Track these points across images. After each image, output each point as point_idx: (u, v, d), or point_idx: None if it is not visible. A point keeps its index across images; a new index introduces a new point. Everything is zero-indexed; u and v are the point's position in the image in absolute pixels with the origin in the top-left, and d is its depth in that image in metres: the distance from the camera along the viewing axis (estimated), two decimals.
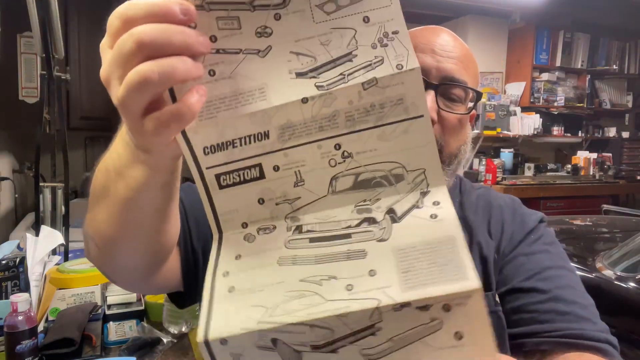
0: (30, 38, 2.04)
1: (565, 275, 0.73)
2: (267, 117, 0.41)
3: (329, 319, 0.36)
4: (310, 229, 0.43)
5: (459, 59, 0.72)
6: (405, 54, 0.41)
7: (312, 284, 0.39)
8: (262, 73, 0.41)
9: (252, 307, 0.39)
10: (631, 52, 4.90)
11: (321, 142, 0.42)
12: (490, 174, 4.05)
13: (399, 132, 0.42)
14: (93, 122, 3.32)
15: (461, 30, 4.41)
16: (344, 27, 0.41)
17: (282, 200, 0.44)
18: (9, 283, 1.19)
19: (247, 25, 0.39)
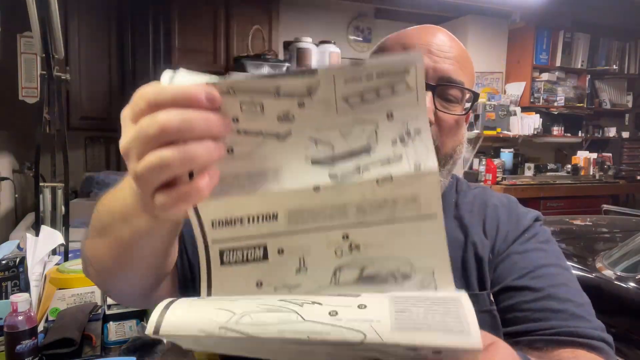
0: (30, 38, 2.04)
1: (560, 273, 0.73)
2: (278, 199, 0.41)
3: (302, 341, 0.35)
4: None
5: (456, 59, 0.72)
6: (424, 154, 0.40)
7: (292, 304, 0.38)
8: (279, 156, 0.41)
9: (217, 310, 0.37)
10: (631, 52, 4.90)
11: (329, 231, 0.42)
12: (490, 174, 4.05)
13: (409, 230, 0.41)
14: (93, 122, 3.33)
15: (461, 30, 4.41)
16: (366, 120, 0.40)
17: (280, 286, 0.43)
18: (9, 283, 1.19)
19: (270, 110, 0.39)
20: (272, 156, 0.41)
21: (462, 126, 0.75)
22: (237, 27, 3.68)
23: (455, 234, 0.78)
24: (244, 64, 3.35)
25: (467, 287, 0.74)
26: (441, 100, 0.71)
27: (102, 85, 3.32)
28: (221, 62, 3.67)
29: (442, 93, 0.71)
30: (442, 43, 0.72)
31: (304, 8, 4.16)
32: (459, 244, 0.77)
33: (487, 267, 0.75)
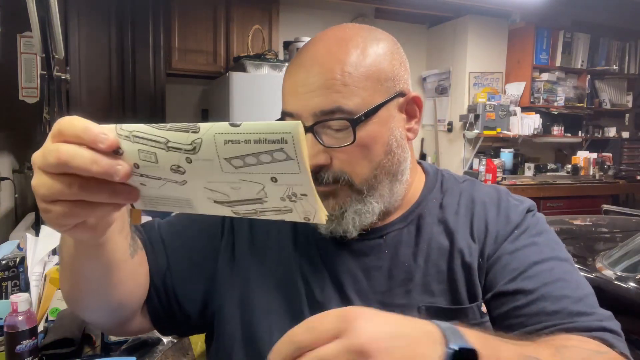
0: (30, 38, 2.04)
1: (555, 267, 0.69)
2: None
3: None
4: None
5: (325, 85, 0.64)
6: (313, 212, 0.45)
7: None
8: (185, 194, 0.47)
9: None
10: (631, 52, 4.90)
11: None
12: (490, 174, 4.06)
13: None
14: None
15: (461, 30, 4.41)
16: (252, 181, 0.44)
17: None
18: (9, 283, 1.19)
19: (163, 160, 0.44)
20: (179, 194, 0.47)
21: (374, 141, 0.67)
22: (237, 27, 3.68)
23: (440, 240, 0.73)
24: (244, 63, 3.35)
25: (455, 298, 0.70)
26: (328, 132, 0.66)
27: (102, 85, 3.31)
28: (221, 62, 3.68)
29: (323, 128, 0.65)
30: (305, 76, 0.66)
31: (304, 8, 4.16)
32: (444, 252, 0.72)
33: (477, 274, 0.71)
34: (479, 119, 4.19)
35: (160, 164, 0.44)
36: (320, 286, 0.72)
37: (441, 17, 4.50)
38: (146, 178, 0.45)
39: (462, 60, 4.42)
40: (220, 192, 0.46)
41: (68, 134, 0.43)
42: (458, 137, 4.51)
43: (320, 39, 0.70)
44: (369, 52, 0.68)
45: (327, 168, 0.67)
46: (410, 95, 0.73)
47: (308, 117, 0.66)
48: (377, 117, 0.67)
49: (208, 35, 3.64)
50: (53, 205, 0.44)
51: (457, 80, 4.48)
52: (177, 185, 0.46)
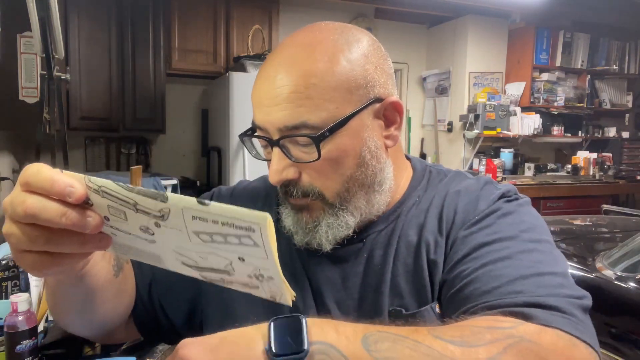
0: (30, 38, 2.04)
1: (509, 246, 0.60)
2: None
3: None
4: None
5: (289, 98, 0.61)
6: (279, 293, 0.46)
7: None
8: (154, 250, 0.47)
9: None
10: (631, 52, 4.90)
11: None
12: (490, 174, 4.05)
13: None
14: (93, 122, 3.33)
15: (461, 30, 4.41)
16: (220, 256, 0.45)
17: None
18: (9, 283, 1.19)
19: (132, 219, 0.44)
20: (149, 249, 0.47)
21: (345, 154, 0.64)
22: (237, 27, 3.68)
23: (409, 236, 0.68)
24: (244, 63, 3.35)
25: (421, 298, 0.66)
26: (296, 146, 0.64)
27: (102, 85, 3.31)
28: (221, 62, 3.68)
29: (291, 142, 0.63)
30: (269, 87, 0.63)
31: (304, 8, 4.16)
32: (411, 248, 0.68)
33: (441, 270, 0.65)
34: (479, 119, 4.19)
35: (130, 222, 0.44)
36: (302, 296, 0.71)
37: (441, 17, 4.50)
38: (116, 230, 0.45)
39: (462, 60, 4.42)
40: (188, 257, 0.46)
41: (35, 185, 0.42)
42: (458, 137, 4.51)
43: (288, 43, 0.66)
44: (338, 58, 0.63)
45: (296, 182, 0.65)
46: (389, 101, 0.67)
47: (274, 131, 0.63)
48: (346, 129, 0.63)
49: (208, 35, 3.64)
50: (23, 254, 0.44)
51: (457, 80, 4.48)
52: (146, 242, 0.46)
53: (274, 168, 0.64)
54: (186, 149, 4.07)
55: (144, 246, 0.46)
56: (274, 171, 0.64)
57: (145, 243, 0.46)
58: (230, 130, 3.23)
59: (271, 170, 0.65)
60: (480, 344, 0.47)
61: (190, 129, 4.07)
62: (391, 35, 4.52)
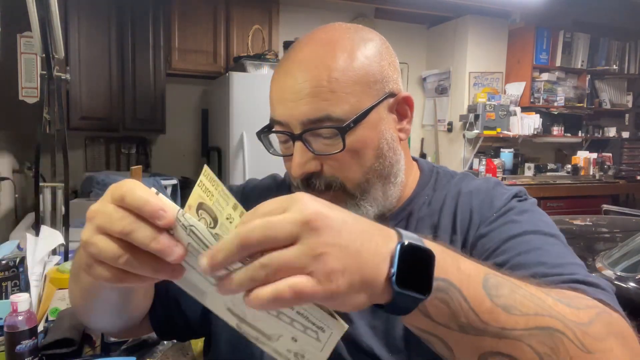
0: (30, 38, 2.03)
1: (534, 239, 0.64)
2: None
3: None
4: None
5: (312, 93, 0.64)
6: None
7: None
8: (206, 289, 0.46)
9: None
10: (631, 52, 4.90)
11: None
12: (490, 174, 4.06)
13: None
14: (93, 122, 3.33)
15: (461, 30, 4.41)
16: (275, 326, 0.44)
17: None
18: (9, 283, 1.19)
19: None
20: (202, 286, 0.45)
21: (365, 145, 0.67)
22: (237, 27, 3.68)
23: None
24: (244, 63, 3.35)
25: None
26: (318, 139, 0.66)
27: (102, 85, 3.31)
28: (221, 62, 3.68)
29: (313, 135, 0.65)
30: (293, 82, 0.65)
31: (304, 8, 4.16)
32: None
33: None
34: (479, 119, 4.19)
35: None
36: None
37: (441, 17, 4.50)
38: (186, 265, 0.44)
39: (462, 60, 4.42)
40: (238, 307, 0.45)
41: (129, 202, 0.42)
42: (458, 137, 4.51)
43: (306, 42, 0.69)
44: (356, 55, 0.66)
45: (319, 174, 0.67)
46: (401, 96, 0.71)
47: (296, 125, 0.65)
48: (366, 122, 0.66)
49: (208, 35, 3.64)
50: (98, 265, 0.43)
51: (457, 80, 4.48)
52: (207, 283, 0.45)
53: (297, 161, 0.65)
54: (186, 149, 4.07)
55: (200, 283, 0.45)
56: (297, 164, 0.65)
57: (205, 283, 0.45)
58: (230, 130, 3.23)
59: (294, 163, 0.66)
60: (580, 307, 0.50)
61: (190, 129, 4.07)
62: (391, 35, 4.47)
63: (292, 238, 0.38)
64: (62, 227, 1.82)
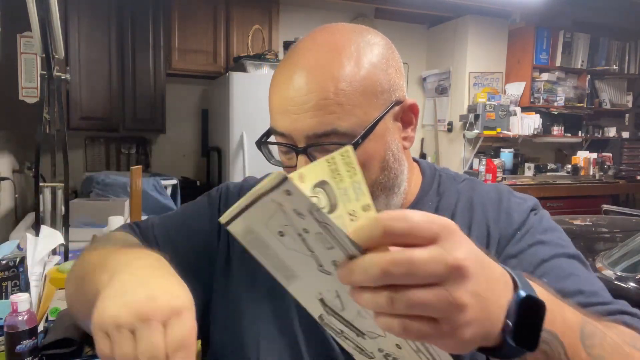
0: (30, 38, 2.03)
1: (565, 263, 0.65)
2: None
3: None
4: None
5: (318, 105, 0.60)
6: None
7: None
8: (305, 275, 0.42)
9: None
10: (631, 52, 4.90)
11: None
12: (490, 174, 4.06)
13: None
14: (93, 122, 3.33)
15: (461, 30, 4.41)
16: (377, 330, 0.42)
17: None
18: (9, 283, 1.19)
19: (326, 253, 0.40)
20: (301, 269, 0.41)
21: (371, 158, 0.64)
22: (237, 27, 3.68)
23: None
24: (244, 63, 3.35)
25: None
26: (323, 153, 0.62)
27: (102, 85, 3.31)
28: (221, 62, 3.68)
29: (318, 149, 0.62)
30: (296, 93, 0.61)
31: (304, 8, 4.16)
32: None
33: None
34: (479, 119, 4.19)
35: (321, 251, 0.39)
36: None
37: (441, 17, 4.50)
38: (286, 241, 0.39)
39: (462, 60, 4.42)
40: (338, 300, 0.42)
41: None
42: (458, 137, 4.51)
43: (309, 46, 0.64)
44: (363, 62, 0.62)
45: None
46: (407, 104, 0.68)
47: (300, 138, 0.62)
48: (373, 134, 0.62)
49: (208, 35, 3.64)
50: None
51: (457, 80, 4.48)
52: (308, 268, 0.40)
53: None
54: (186, 149, 4.07)
55: (297, 266, 0.41)
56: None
57: (305, 268, 0.41)
58: (230, 130, 3.23)
59: None
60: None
61: (190, 129, 4.07)
62: (391, 36, 4.42)
63: (436, 278, 0.36)
64: (62, 227, 1.82)
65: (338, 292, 0.41)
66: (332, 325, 0.44)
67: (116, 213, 2.02)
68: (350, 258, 0.38)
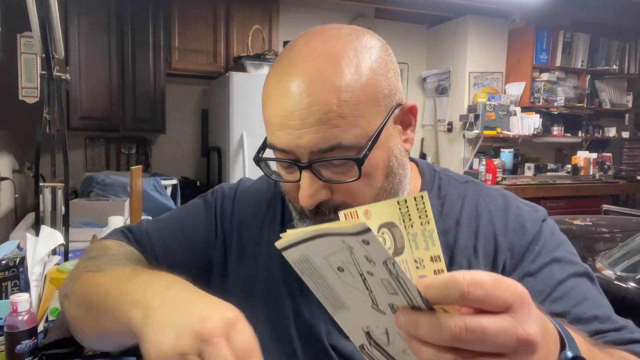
0: (30, 38, 2.03)
1: (578, 285, 0.65)
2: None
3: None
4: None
5: (321, 120, 0.57)
6: None
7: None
8: (359, 309, 0.42)
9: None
10: (631, 52, 4.90)
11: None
12: (490, 174, 4.06)
13: None
14: (93, 122, 3.33)
15: (461, 30, 4.41)
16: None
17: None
18: (9, 283, 1.19)
19: (388, 297, 0.41)
20: (347, 303, 0.42)
21: (376, 167, 0.62)
22: (237, 27, 3.68)
23: None
24: (244, 63, 3.35)
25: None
26: (328, 167, 0.61)
27: (102, 85, 3.31)
28: (221, 62, 3.68)
29: (322, 164, 0.60)
30: (294, 107, 0.58)
31: (304, 8, 4.16)
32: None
33: None
34: (479, 119, 4.19)
35: (381, 294, 0.39)
36: (308, 304, 0.70)
37: (441, 17, 4.50)
38: (343, 275, 0.39)
39: (462, 60, 4.42)
40: (389, 337, 0.42)
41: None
42: (458, 137, 4.51)
43: (305, 55, 0.60)
44: (363, 69, 0.59)
45: (328, 201, 0.63)
46: (407, 106, 0.67)
47: (304, 154, 0.59)
48: (377, 142, 0.61)
49: (208, 35, 3.64)
50: None
51: (457, 80, 4.48)
52: (361, 302, 0.40)
53: (307, 193, 0.60)
54: (186, 149, 4.07)
55: (349, 298, 0.41)
56: (308, 196, 0.60)
57: (358, 301, 0.40)
58: (230, 130, 3.23)
59: (304, 194, 0.61)
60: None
61: (190, 129, 4.07)
62: (391, 36, 4.52)
63: (505, 349, 0.36)
64: (62, 227, 1.82)
65: (387, 330, 0.41)
66: (372, 355, 0.44)
67: (116, 213, 2.01)
68: (412, 306, 0.38)
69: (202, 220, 0.79)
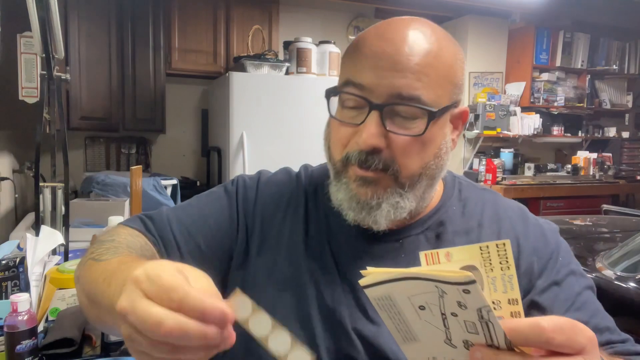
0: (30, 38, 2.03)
1: (589, 297, 0.70)
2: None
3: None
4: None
5: (413, 69, 0.62)
6: None
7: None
8: (427, 337, 0.44)
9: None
10: (631, 52, 4.90)
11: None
12: (490, 174, 4.05)
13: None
14: (93, 122, 3.33)
15: (461, 30, 4.41)
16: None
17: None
18: (9, 283, 1.19)
19: (458, 330, 0.43)
20: (419, 336, 0.43)
21: (431, 140, 0.66)
22: (237, 27, 3.68)
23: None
24: (244, 63, 3.35)
25: None
26: (395, 117, 0.64)
27: (102, 85, 3.31)
28: (221, 62, 3.68)
29: (393, 111, 0.63)
30: (393, 52, 0.62)
31: (304, 8, 4.16)
32: None
33: None
34: (479, 119, 4.19)
35: (455, 329, 0.41)
36: (332, 290, 0.70)
37: (441, 17, 4.50)
38: (421, 310, 0.41)
39: None
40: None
41: (186, 309, 0.39)
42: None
43: (406, 21, 0.67)
44: (452, 53, 0.66)
45: (379, 153, 0.64)
46: (463, 108, 0.71)
47: (382, 95, 0.62)
48: (441, 119, 0.65)
49: (208, 35, 3.64)
50: (143, 355, 0.41)
51: None
52: (441, 334, 0.42)
53: (372, 131, 0.62)
54: (186, 149, 4.07)
55: (423, 334, 0.42)
56: (371, 134, 0.62)
57: (432, 337, 0.42)
58: (230, 130, 3.23)
59: (367, 132, 0.63)
60: None
61: (190, 129, 4.07)
62: None
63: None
64: (62, 227, 1.82)
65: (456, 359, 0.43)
66: None
67: (116, 213, 2.01)
68: (489, 344, 0.39)
69: (224, 209, 0.79)
